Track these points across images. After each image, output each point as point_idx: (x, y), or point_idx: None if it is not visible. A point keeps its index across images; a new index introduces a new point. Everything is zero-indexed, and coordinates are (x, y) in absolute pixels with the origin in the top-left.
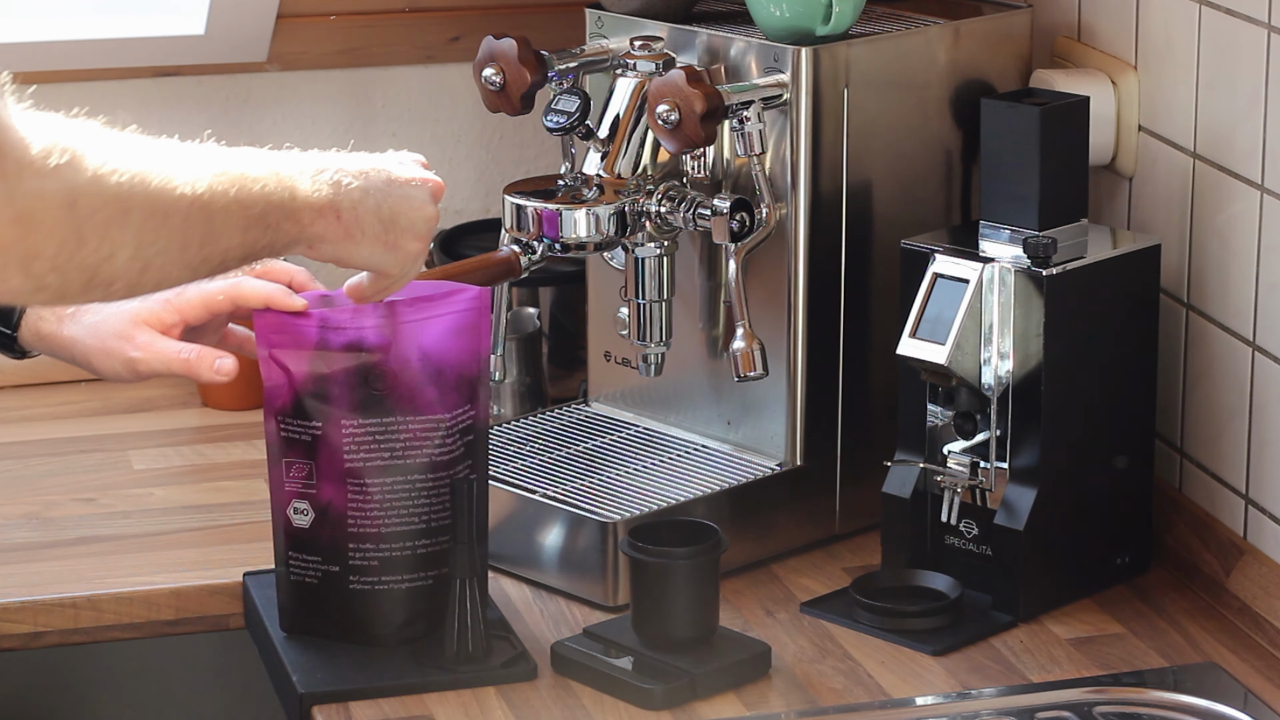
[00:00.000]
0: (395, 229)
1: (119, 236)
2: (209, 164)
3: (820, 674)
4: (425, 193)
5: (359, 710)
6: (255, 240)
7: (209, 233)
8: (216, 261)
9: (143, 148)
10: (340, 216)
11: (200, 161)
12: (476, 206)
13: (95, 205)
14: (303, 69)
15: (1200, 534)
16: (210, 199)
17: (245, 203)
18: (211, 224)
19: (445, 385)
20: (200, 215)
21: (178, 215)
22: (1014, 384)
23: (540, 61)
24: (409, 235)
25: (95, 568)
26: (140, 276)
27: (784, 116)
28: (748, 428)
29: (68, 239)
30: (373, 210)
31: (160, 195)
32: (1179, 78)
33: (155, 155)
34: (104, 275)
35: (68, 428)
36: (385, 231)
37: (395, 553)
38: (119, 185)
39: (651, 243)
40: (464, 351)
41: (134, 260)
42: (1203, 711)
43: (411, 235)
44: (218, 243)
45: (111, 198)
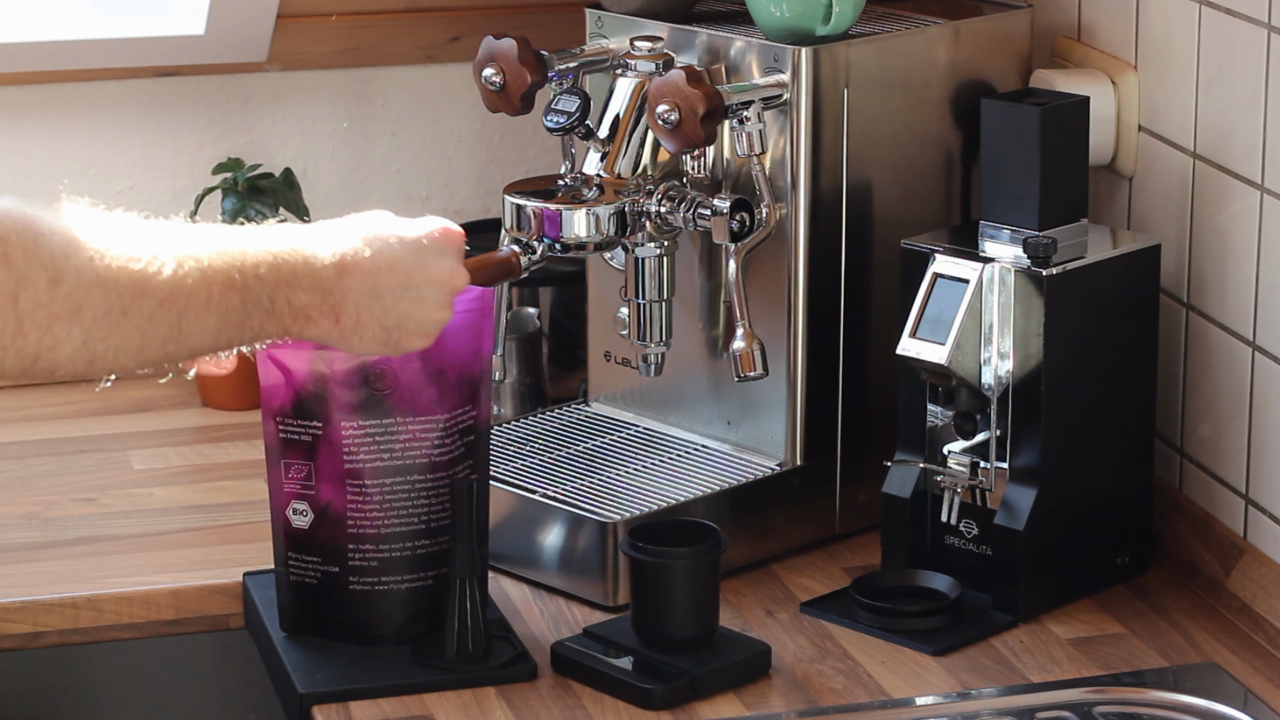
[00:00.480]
0: (400, 332)
1: (64, 332)
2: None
3: (820, 674)
4: (444, 295)
5: (359, 710)
6: (231, 340)
7: (174, 333)
8: (181, 357)
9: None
10: (339, 320)
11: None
12: (476, 206)
13: (40, 300)
14: (303, 69)
15: (1200, 534)
16: (183, 301)
17: (224, 306)
18: (179, 325)
19: (446, 385)
20: (166, 316)
21: (139, 315)
22: (1014, 384)
23: (540, 61)
24: (414, 336)
25: (95, 568)
26: (88, 367)
27: (784, 116)
28: (748, 428)
29: (4, 329)
30: (378, 318)
31: (122, 291)
32: (1179, 78)
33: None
34: (45, 364)
35: (68, 428)
36: (387, 334)
37: (395, 553)
38: (74, 279)
39: (651, 243)
40: (466, 351)
41: (80, 354)
42: (1203, 711)
43: (417, 336)
44: (184, 342)
45: (62, 295)
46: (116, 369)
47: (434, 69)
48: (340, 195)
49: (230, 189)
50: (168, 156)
